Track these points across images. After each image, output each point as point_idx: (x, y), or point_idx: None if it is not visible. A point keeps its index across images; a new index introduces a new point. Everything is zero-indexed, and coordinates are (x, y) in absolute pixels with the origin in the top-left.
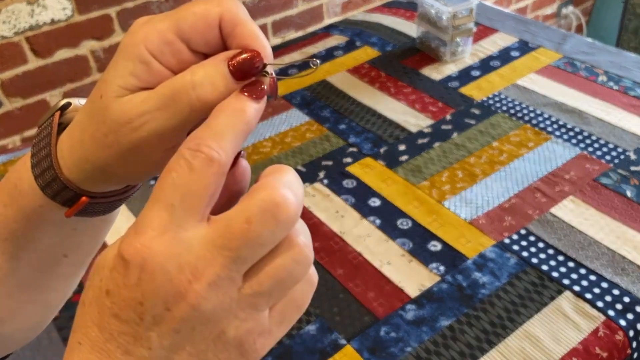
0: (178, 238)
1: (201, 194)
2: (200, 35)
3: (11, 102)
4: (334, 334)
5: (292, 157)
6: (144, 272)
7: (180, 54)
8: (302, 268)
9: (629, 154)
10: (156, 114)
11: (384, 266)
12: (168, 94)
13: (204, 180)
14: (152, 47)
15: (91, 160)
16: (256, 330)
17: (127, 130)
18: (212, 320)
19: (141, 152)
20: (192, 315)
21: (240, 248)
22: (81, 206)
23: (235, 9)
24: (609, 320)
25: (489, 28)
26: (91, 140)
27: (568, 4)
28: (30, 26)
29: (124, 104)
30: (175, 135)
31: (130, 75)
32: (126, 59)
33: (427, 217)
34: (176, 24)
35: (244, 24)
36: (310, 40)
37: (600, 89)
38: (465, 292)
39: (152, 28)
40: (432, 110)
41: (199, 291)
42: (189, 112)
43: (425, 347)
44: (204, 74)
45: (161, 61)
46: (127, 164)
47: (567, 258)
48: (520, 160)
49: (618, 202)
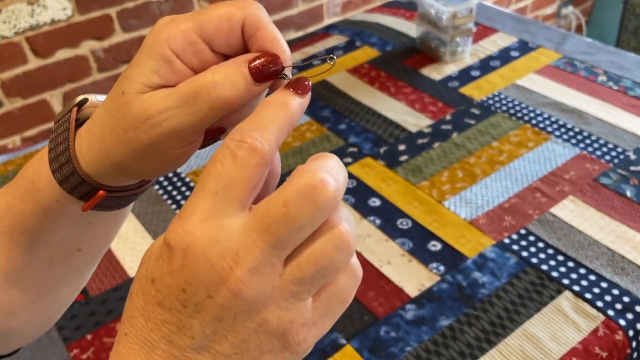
0: (220, 225)
1: (244, 183)
2: (222, 37)
3: (11, 102)
4: (334, 333)
5: (292, 157)
6: (187, 258)
7: (202, 54)
8: (343, 255)
9: (629, 153)
10: (176, 111)
11: (384, 266)
12: (189, 92)
13: (247, 170)
14: (175, 46)
15: (110, 156)
16: (299, 320)
17: (147, 127)
18: (254, 308)
19: (160, 149)
20: (233, 302)
21: (279, 232)
22: (98, 200)
23: (258, 13)
24: (608, 320)
25: (488, 28)
26: (111, 136)
27: (568, 4)
28: (31, 26)
29: (145, 101)
30: (194, 133)
31: (153, 73)
32: (149, 57)
33: (427, 217)
34: (199, 25)
35: (266, 28)
36: (310, 40)
37: (600, 88)
38: (465, 291)
39: (175, 27)
40: (432, 110)
41: (240, 277)
42: (208, 110)
43: (425, 347)
44: (225, 74)
45: (183, 60)
46: (146, 159)
47: (567, 258)
48: (520, 160)
49: (618, 202)
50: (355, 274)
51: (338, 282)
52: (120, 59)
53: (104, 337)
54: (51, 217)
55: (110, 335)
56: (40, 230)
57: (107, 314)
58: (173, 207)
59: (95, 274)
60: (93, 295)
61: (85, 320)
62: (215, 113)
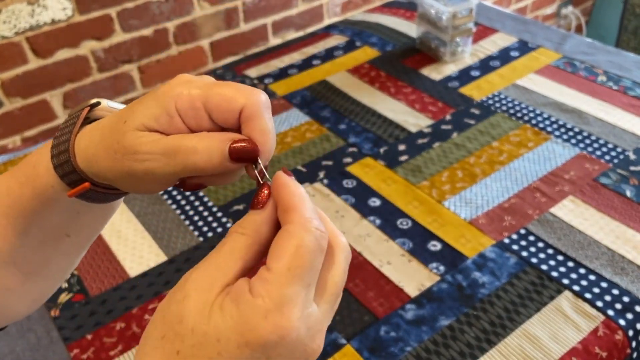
0: (310, 313)
1: (319, 271)
2: (221, 113)
3: (11, 102)
4: (334, 333)
5: (292, 157)
6: (288, 350)
7: (200, 120)
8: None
9: (629, 153)
10: (157, 157)
11: (384, 266)
12: (172, 148)
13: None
14: (180, 106)
15: (98, 164)
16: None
17: (132, 159)
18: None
19: (137, 179)
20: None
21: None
22: (82, 190)
23: (258, 104)
24: (608, 320)
25: (488, 28)
26: (104, 150)
27: (568, 4)
28: (31, 26)
29: (138, 138)
30: (168, 179)
31: (154, 119)
32: (156, 105)
33: (427, 217)
34: (206, 97)
35: (260, 119)
36: (310, 41)
37: (600, 89)
38: (465, 291)
39: (187, 90)
40: (432, 110)
41: (319, 348)
42: (182, 168)
43: (425, 347)
44: (206, 145)
45: (183, 119)
46: (125, 181)
47: (567, 258)
48: (520, 160)
49: (617, 201)
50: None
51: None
52: (120, 59)
53: (104, 337)
54: (45, 202)
55: (110, 335)
56: (35, 214)
57: (107, 314)
58: (173, 207)
59: (96, 273)
60: (93, 295)
61: (85, 320)
62: (189, 172)
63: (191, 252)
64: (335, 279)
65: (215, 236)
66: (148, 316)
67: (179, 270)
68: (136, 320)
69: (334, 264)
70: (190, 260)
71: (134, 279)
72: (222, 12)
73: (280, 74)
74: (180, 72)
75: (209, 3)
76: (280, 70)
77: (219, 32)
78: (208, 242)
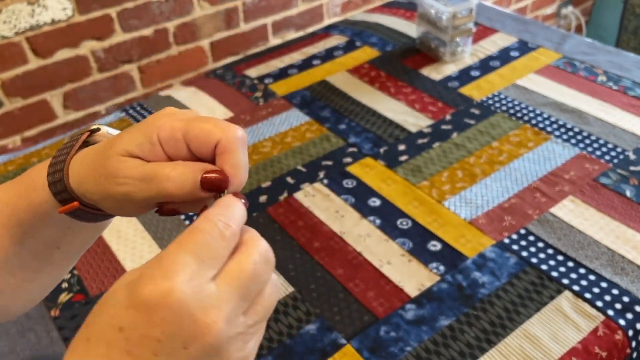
0: (202, 286)
1: (224, 258)
2: (198, 145)
3: (11, 102)
4: (334, 333)
5: (292, 157)
6: (170, 312)
7: (179, 150)
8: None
9: (628, 153)
10: (135, 181)
11: (384, 266)
12: (149, 174)
13: (228, 249)
14: (162, 136)
15: (86, 185)
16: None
17: (113, 182)
18: (221, 354)
19: (118, 202)
20: (207, 352)
21: (249, 285)
22: (71, 208)
23: (233, 139)
24: (608, 320)
25: (488, 28)
26: (91, 172)
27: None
28: (31, 26)
29: (120, 163)
30: (143, 203)
31: (137, 146)
32: (140, 134)
33: (427, 217)
34: (186, 129)
35: (234, 154)
36: (310, 41)
37: (600, 88)
38: (465, 291)
39: (169, 122)
40: (432, 110)
41: (218, 329)
42: (156, 193)
43: (425, 347)
44: (179, 174)
45: (164, 148)
46: (107, 202)
47: (567, 258)
48: (520, 160)
49: (617, 201)
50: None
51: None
52: (120, 59)
53: None
54: (39, 215)
55: None
56: (30, 225)
57: None
58: None
59: (96, 273)
60: (93, 295)
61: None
62: (163, 198)
63: None
64: (242, 265)
65: None
66: None
67: None
68: None
69: (242, 254)
70: None
71: None
72: (222, 12)
73: (280, 74)
74: (180, 72)
75: (209, 3)
76: (280, 70)
77: (219, 32)
78: None
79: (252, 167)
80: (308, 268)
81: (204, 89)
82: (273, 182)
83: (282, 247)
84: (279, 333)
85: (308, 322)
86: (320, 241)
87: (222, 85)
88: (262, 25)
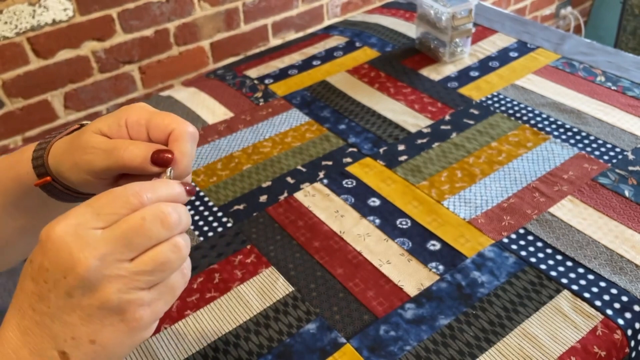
0: (87, 229)
1: (122, 215)
2: (157, 132)
3: (12, 102)
4: (334, 332)
5: (292, 157)
6: (53, 245)
7: (140, 133)
8: (177, 259)
9: (627, 153)
10: (99, 151)
11: (384, 265)
12: (111, 146)
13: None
14: (129, 120)
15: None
16: (137, 302)
17: (82, 152)
18: (98, 289)
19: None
20: (81, 284)
21: (132, 237)
22: (45, 181)
23: (185, 132)
24: (607, 319)
25: (488, 29)
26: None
27: (567, 5)
28: (32, 27)
29: (91, 137)
30: (104, 174)
31: (107, 125)
32: (112, 117)
33: (426, 216)
34: (149, 119)
35: (183, 143)
36: (310, 41)
37: (599, 89)
38: (464, 291)
39: (138, 111)
40: (431, 111)
41: (89, 265)
42: (113, 163)
43: (425, 346)
44: (135, 147)
45: (129, 131)
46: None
47: (566, 257)
48: (518, 160)
49: (616, 201)
50: (186, 274)
51: (171, 278)
52: (121, 60)
53: None
54: (22, 186)
55: None
56: (14, 195)
57: None
58: None
59: None
60: None
61: None
62: (119, 169)
63: (191, 251)
64: (130, 219)
65: (216, 236)
66: None
67: None
68: None
69: (134, 213)
70: (191, 260)
71: None
72: (222, 13)
73: (281, 75)
74: (181, 73)
75: (209, 4)
76: (281, 70)
77: (220, 32)
78: (208, 241)
79: (252, 167)
80: (308, 267)
81: (205, 89)
82: (273, 182)
83: (282, 247)
84: (279, 332)
85: (308, 321)
86: (320, 241)
87: (223, 85)
88: (263, 26)
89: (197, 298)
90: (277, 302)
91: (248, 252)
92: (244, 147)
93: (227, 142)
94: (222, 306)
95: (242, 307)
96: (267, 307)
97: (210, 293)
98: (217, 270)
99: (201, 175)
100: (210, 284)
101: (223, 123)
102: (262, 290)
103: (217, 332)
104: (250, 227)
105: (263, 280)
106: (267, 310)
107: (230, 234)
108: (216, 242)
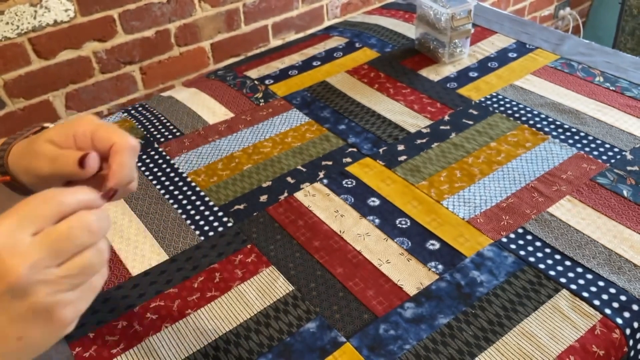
0: (17, 236)
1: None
2: (100, 144)
3: (14, 102)
4: (334, 331)
5: (292, 157)
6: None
7: (85, 143)
8: (100, 262)
9: (625, 153)
10: (45, 159)
11: (383, 265)
12: (55, 155)
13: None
14: (77, 132)
15: (15, 160)
16: (62, 303)
17: (32, 158)
18: (29, 295)
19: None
20: (11, 289)
21: (60, 244)
22: (3, 180)
23: (125, 145)
24: (605, 319)
25: (487, 29)
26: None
27: (565, 6)
28: (33, 27)
29: (41, 145)
30: (50, 178)
31: (57, 135)
32: (63, 128)
33: (425, 216)
34: (94, 130)
35: (122, 155)
36: (310, 42)
37: (597, 89)
38: (464, 290)
39: (86, 123)
40: (431, 111)
41: (20, 272)
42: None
43: (424, 345)
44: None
45: (76, 140)
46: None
47: (564, 257)
48: (517, 160)
49: (615, 201)
50: (104, 274)
51: (93, 279)
52: (122, 60)
53: (106, 335)
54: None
55: (113, 334)
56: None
57: (109, 312)
58: (175, 206)
59: None
60: None
61: (87, 318)
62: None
63: (192, 251)
64: (58, 227)
65: (216, 235)
66: (150, 314)
67: (180, 269)
68: (138, 319)
69: (64, 220)
70: (192, 259)
71: (136, 278)
72: (223, 14)
73: (281, 75)
74: (181, 73)
75: (210, 5)
76: (281, 71)
77: (220, 33)
78: (209, 241)
79: (253, 167)
80: (308, 267)
81: (205, 89)
82: (273, 181)
83: (282, 246)
84: (279, 331)
85: (308, 320)
86: (319, 240)
87: (223, 86)
88: (263, 26)
89: (197, 297)
90: (277, 301)
91: (248, 251)
92: (244, 147)
93: (228, 142)
94: (222, 305)
95: (243, 306)
96: (268, 306)
97: (210, 292)
98: (217, 269)
99: (202, 175)
100: (211, 283)
101: (223, 123)
102: (263, 290)
103: (217, 331)
104: (250, 226)
105: (263, 279)
106: (268, 310)
107: (230, 234)
108: (217, 241)
